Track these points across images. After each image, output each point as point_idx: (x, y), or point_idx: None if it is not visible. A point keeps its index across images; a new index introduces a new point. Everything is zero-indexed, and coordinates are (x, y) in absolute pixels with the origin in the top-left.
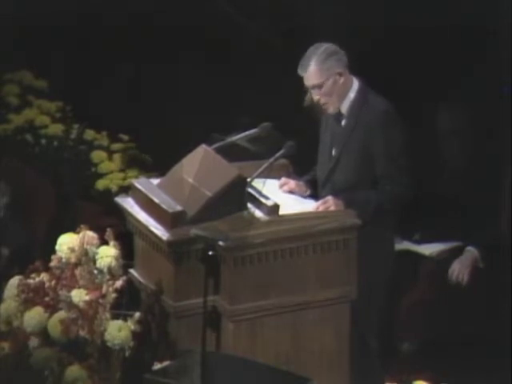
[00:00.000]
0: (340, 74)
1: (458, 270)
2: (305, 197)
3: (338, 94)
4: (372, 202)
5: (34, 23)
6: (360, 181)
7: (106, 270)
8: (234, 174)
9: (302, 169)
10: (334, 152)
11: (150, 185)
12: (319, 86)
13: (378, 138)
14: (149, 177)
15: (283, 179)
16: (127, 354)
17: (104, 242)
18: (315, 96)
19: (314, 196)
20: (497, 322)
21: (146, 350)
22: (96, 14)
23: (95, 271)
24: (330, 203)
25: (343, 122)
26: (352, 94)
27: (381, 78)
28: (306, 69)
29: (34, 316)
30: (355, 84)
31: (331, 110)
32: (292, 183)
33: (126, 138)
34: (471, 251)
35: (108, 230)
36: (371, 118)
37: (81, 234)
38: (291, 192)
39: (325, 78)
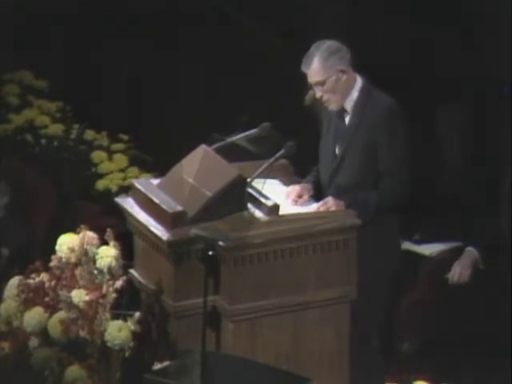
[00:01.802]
0: (343, 72)
1: (459, 273)
2: None
3: (341, 91)
4: (372, 202)
5: (33, 24)
6: (364, 180)
7: (106, 270)
8: (234, 174)
9: (302, 169)
10: (337, 151)
11: (150, 185)
12: (322, 83)
13: (381, 135)
14: (149, 177)
15: (295, 191)
16: (127, 354)
17: (104, 242)
18: (318, 92)
19: (316, 197)
20: (497, 321)
21: (146, 350)
22: (96, 13)
23: (95, 271)
24: (330, 204)
25: (347, 120)
26: (355, 92)
27: (380, 78)
28: (309, 66)
29: (33, 316)
30: (358, 82)
31: (333, 106)
32: (306, 195)
33: (125, 138)
34: (471, 251)
35: (108, 230)
36: (375, 115)
37: (81, 234)
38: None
39: (327, 75)
